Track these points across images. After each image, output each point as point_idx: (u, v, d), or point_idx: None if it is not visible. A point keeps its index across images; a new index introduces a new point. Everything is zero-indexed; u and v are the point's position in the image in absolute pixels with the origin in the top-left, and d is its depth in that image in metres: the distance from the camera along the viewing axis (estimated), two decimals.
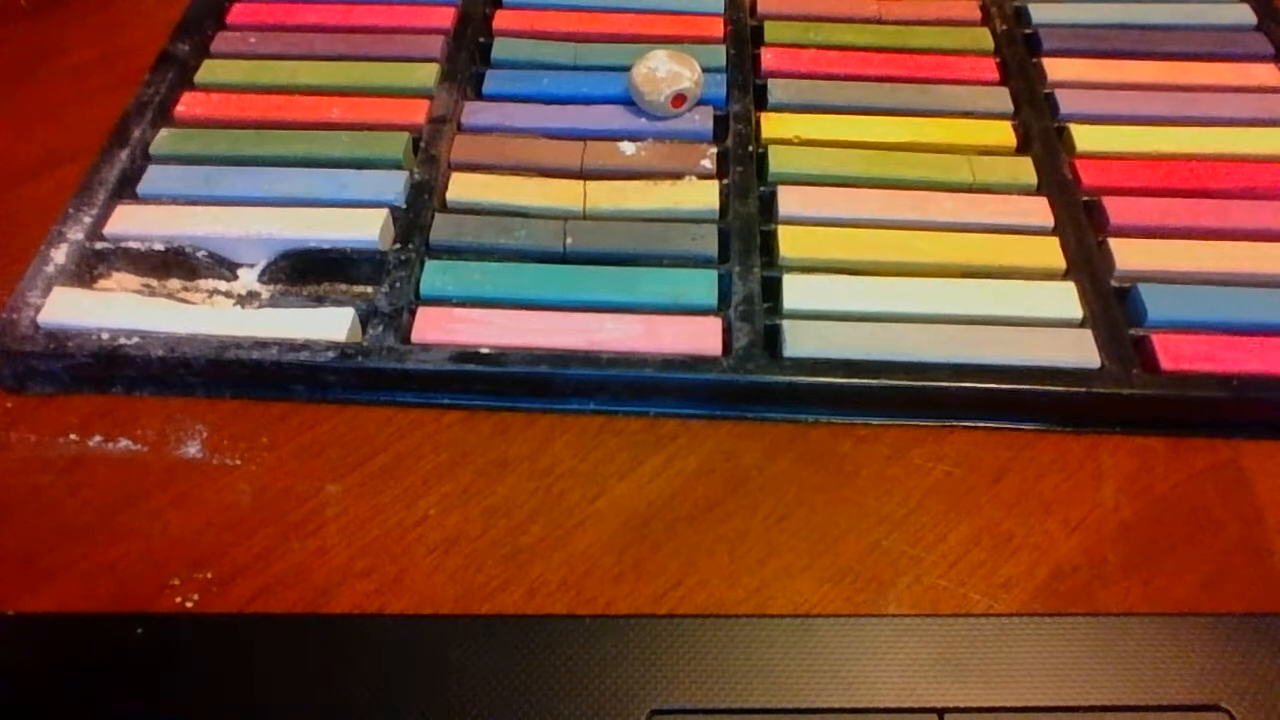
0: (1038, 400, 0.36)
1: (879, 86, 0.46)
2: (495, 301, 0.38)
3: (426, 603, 0.32)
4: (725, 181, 0.42)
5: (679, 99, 0.44)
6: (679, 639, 0.30)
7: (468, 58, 0.47)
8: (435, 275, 0.38)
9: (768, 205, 0.42)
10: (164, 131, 0.44)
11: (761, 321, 0.37)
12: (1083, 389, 0.36)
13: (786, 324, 0.37)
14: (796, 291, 0.38)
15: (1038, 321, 0.38)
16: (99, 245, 0.39)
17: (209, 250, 0.39)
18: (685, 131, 0.44)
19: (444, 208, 0.41)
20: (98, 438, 0.35)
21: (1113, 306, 0.38)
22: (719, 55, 0.48)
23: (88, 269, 0.39)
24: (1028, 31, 0.50)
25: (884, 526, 0.34)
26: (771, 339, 0.37)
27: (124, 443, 0.35)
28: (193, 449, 0.35)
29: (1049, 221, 0.41)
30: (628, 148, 0.43)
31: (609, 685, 0.29)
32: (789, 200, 0.41)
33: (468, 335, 0.36)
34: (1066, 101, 0.46)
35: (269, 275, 0.39)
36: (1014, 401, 0.36)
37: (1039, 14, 0.50)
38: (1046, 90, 0.47)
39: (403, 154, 0.43)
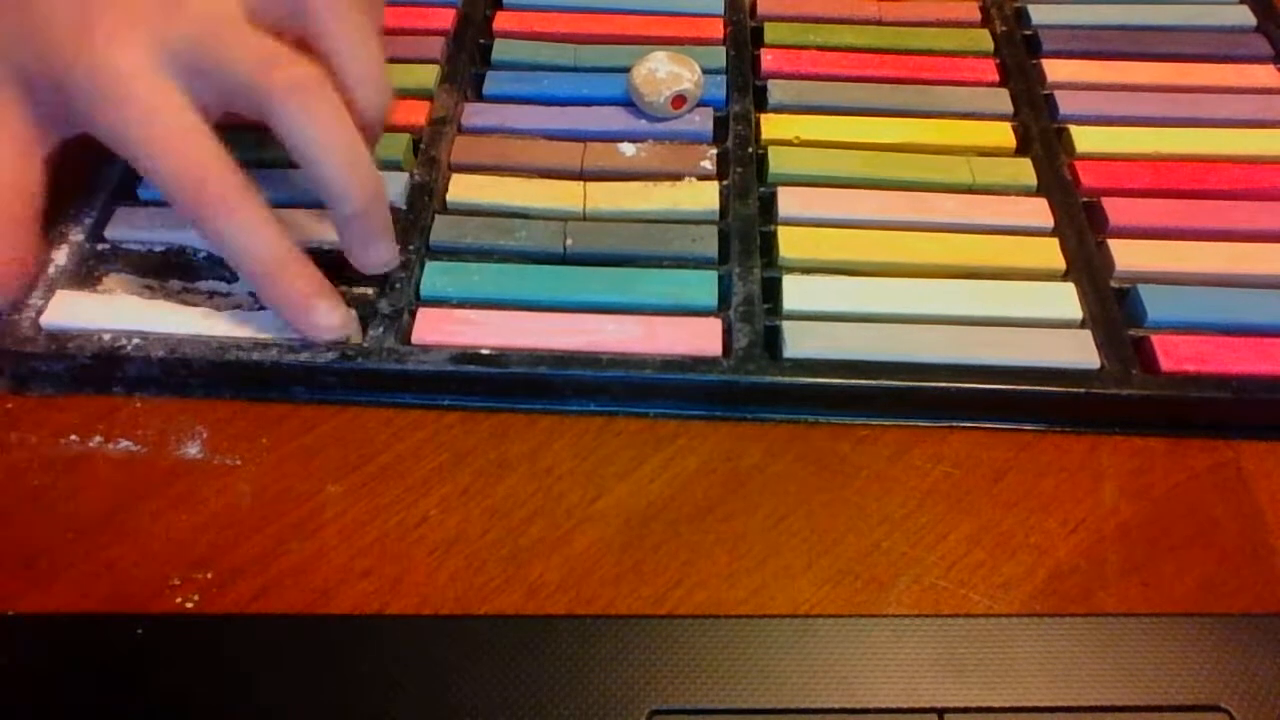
0: (1037, 401, 0.36)
1: (879, 87, 0.46)
2: (495, 303, 0.38)
3: (426, 603, 0.32)
4: (725, 182, 0.42)
5: (679, 100, 0.44)
6: (679, 639, 0.30)
7: (468, 59, 0.47)
8: (435, 276, 0.38)
9: (768, 206, 0.42)
10: None
11: (761, 322, 0.37)
12: (1082, 390, 0.36)
13: (786, 325, 0.37)
14: (796, 292, 0.38)
15: (1037, 322, 0.38)
16: (100, 247, 0.39)
17: (210, 251, 0.39)
18: (685, 133, 0.44)
19: (444, 209, 0.41)
20: (98, 438, 0.36)
21: (1112, 307, 0.38)
22: (719, 56, 0.48)
23: (89, 270, 0.39)
24: (1027, 33, 0.50)
25: (884, 527, 0.34)
26: (771, 340, 0.37)
27: (124, 443, 0.35)
28: (193, 450, 0.35)
29: (1048, 222, 0.41)
30: (628, 149, 0.43)
31: (609, 685, 0.29)
32: (789, 201, 0.41)
33: (468, 336, 0.37)
34: (1066, 102, 0.46)
35: None
36: (1014, 402, 0.36)
37: (1039, 15, 0.50)
38: (1046, 91, 0.47)
39: (403, 155, 0.43)
